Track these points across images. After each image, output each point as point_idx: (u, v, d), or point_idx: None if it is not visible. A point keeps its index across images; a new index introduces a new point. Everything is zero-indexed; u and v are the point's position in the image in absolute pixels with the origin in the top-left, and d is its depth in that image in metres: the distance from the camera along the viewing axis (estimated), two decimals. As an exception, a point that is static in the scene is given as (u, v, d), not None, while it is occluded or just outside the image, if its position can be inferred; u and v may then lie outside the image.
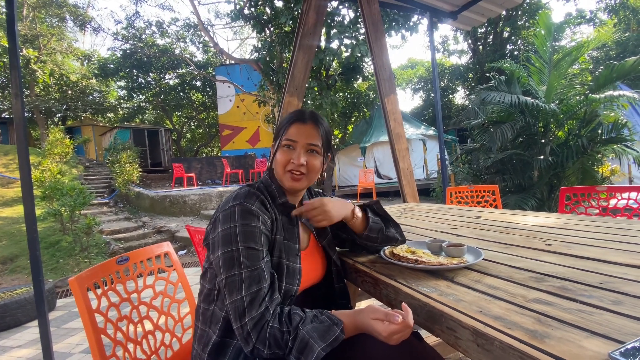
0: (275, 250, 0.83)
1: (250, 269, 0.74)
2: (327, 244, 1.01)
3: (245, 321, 0.70)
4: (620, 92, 4.39)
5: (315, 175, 0.93)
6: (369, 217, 1.01)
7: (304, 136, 0.90)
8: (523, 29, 13.58)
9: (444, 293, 0.72)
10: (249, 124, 14.42)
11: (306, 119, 0.92)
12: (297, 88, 2.36)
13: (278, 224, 0.87)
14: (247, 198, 0.82)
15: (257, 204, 0.82)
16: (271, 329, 0.69)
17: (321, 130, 0.93)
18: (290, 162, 0.89)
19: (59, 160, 9.40)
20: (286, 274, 0.83)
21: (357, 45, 7.23)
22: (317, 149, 0.91)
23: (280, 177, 0.91)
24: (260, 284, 0.73)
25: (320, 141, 0.92)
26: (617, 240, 1.06)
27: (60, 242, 5.23)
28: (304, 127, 0.91)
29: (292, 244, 0.88)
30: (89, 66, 17.14)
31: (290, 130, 0.91)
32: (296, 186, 0.90)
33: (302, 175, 0.90)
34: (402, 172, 2.74)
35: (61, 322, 2.82)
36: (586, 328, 0.53)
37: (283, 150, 0.90)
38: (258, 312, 0.71)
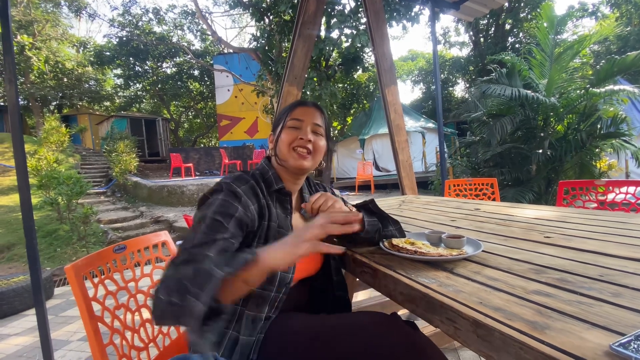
0: (270, 238, 0.83)
1: (206, 235, 0.71)
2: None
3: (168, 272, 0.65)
4: (621, 87, 4.39)
5: (320, 157, 0.94)
6: (365, 220, 0.97)
7: (310, 116, 0.92)
8: (525, 22, 13.47)
9: (443, 284, 0.72)
10: (247, 115, 14.32)
11: (308, 103, 0.95)
12: (296, 77, 2.33)
13: (272, 211, 0.86)
14: (236, 180, 0.82)
15: (245, 188, 0.81)
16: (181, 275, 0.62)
17: (324, 116, 0.96)
18: (298, 139, 0.89)
19: (55, 149, 9.32)
20: None
21: (357, 35, 7.14)
22: (321, 131, 0.93)
23: (286, 157, 0.90)
24: (207, 250, 0.68)
25: (323, 123, 0.94)
26: (616, 233, 1.06)
27: (57, 231, 5.22)
28: (308, 109, 0.93)
29: (285, 232, 0.87)
30: (85, 53, 16.89)
31: (296, 112, 0.92)
32: (302, 164, 0.89)
33: (309, 154, 0.90)
34: (401, 164, 2.73)
35: (59, 310, 2.83)
36: (586, 320, 0.52)
37: (289, 130, 0.91)
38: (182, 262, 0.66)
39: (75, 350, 2.12)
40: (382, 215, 1.02)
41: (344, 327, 0.74)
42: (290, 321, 0.80)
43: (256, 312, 0.79)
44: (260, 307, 0.79)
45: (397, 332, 0.71)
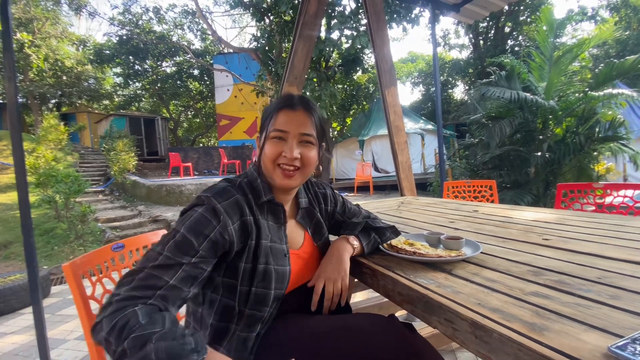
0: (260, 256, 0.75)
1: (169, 256, 0.65)
2: (323, 244, 0.95)
3: (120, 292, 0.60)
4: (619, 90, 4.40)
5: (311, 169, 0.83)
6: (363, 245, 0.97)
7: (295, 125, 0.79)
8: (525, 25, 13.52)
9: (442, 285, 0.72)
10: (246, 115, 14.32)
11: (295, 104, 0.81)
12: (296, 77, 2.33)
13: (262, 226, 0.77)
14: (219, 194, 0.74)
15: (226, 205, 0.73)
16: (133, 315, 0.57)
17: (314, 117, 0.83)
18: (282, 156, 0.78)
19: (54, 147, 9.29)
20: (275, 279, 0.77)
21: (357, 37, 7.15)
22: (311, 139, 0.81)
23: (270, 174, 0.80)
24: (165, 274, 0.63)
25: (314, 129, 0.82)
26: (613, 236, 1.06)
27: (55, 230, 5.20)
28: (294, 115, 0.80)
29: (279, 245, 0.81)
30: (84, 52, 16.85)
31: (279, 119, 0.80)
32: (289, 184, 0.80)
33: (296, 171, 0.80)
34: (400, 166, 2.73)
35: (55, 309, 2.82)
36: (584, 322, 0.53)
37: (272, 143, 0.79)
38: (136, 295, 0.60)
39: (72, 349, 2.11)
40: (378, 229, 1.02)
41: (341, 330, 0.73)
42: (287, 324, 0.79)
43: (247, 332, 0.75)
44: (252, 327, 0.76)
45: (394, 334, 0.71)
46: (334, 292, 0.85)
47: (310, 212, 0.96)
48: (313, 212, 0.96)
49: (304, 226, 0.93)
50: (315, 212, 0.96)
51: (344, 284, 0.86)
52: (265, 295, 0.75)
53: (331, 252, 0.91)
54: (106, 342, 0.56)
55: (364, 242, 0.97)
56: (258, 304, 0.75)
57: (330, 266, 0.87)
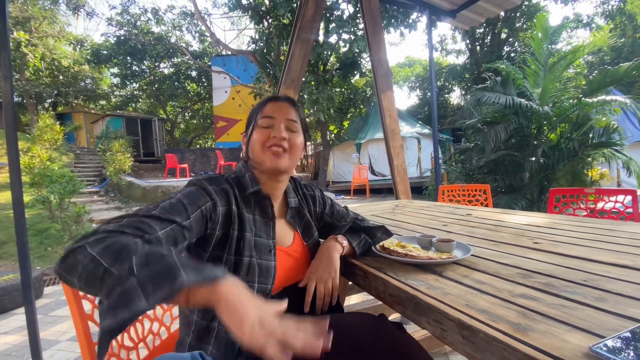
0: (245, 249, 0.76)
1: (161, 213, 0.63)
2: (313, 244, 0.96)
3: (109, 225, 0.57)
4: (613, 97, 4.46)
5: (298, 154, 0.87)
6: (353, 246, 0.97)
7: (282, 112, 0.85)
8: (521, 31, 13.68)
9: (432, 286, 0.73)
10: (244, 117, 14.27)
11: (281, 98, 0.88)
12: (293, 80, 2.35)
13: (245, 219, 0.78)
14: (209, 179, 0.78)
15: (215, 188, 0.76)
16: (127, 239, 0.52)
17: (299, 111, 0.89)
18: (271, 137, 0.82)
19: (49, 146, 9.23)
20: (259, 273, 0.77)
21: (355, 41, 7.21)
22: (296, 126, 0.86)
23: (260, 158, 0.83)
24: (157, 224, 0.61)
25: (298, 118, 0.87)
26: (602, 240, 1.08)
27: (48, 230, 5.16)
28: (280, 104, 0.86)
29: (265, 240, 0.82)
30: (82, 51, 16.80)
31: (266, 108, 0.85)
32: (279, 164, 0.81)
33: (285, 152, 0.83)
34: (395, 169, 2.75)
35: (48, 310, 2.80)
36: (569, 322, 0.54)
37: (260, 130, 0.83)
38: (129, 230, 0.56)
39: (65, 350, 2.10)
40: (367, 229, 1.03)
41: (334, 330, 0.73)
42: None
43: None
44: None
45: (383, 333, 0.72)
46: (325, 292, 0.86)
47: (300, 212, 0.97)
48: (302, 213, 0.97)
49: (294, 226, 0.94)
50: (304, 212, 0.97)
51: (334, 283, 0.87)
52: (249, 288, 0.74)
53: (321, 253, 0.92)
54: (92, 261, 0.47)
55: (353, 242, 0.98)
56: None
57: (321, 266, 0.88)
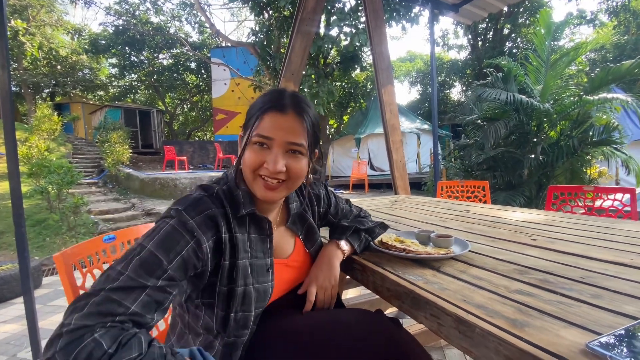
0: (239, 278, 0.68)
1: (132, 278, 0.55)
2: (315, 250, 0.92)
3: (70, 321, 0.49)
4: (614, 95, 4.45)
5: (299, 181, 0.74)
6: (354, 246, 0.95)
7: (283, 132, 0.69)
8: (523, 27, 13.58)
9: (429, 281, 0.74)
10: (243, 109, 14.23)
11: (285, 106, 0.70)
12: (293, 73, 2.33)
13: (238, 243, 0.69)
14: (192, 207, 0.65)
15: (199, 219, 0.64)
16: (94, 343, 0.47)
17: (306, 123, 0.71)
18: (264, 167, 0.69)
19: (47, 137, 9.19)
20: (256, 299, 0.71)
21: (356, 34, 7.14)
22: (300, 149, 0.71)
23: (250, 183, 0.72)
24: (125, 298, 0.54)
25: (305, 138, 0.71)
26: (599, 237, 1.08)
27: (46, 221, 5.16)
28: (283, 119, 0.69)
29: (262, 260, 0.74)
30: (80, 41, 16.65)
31: (264, 123, 0.69)
32: (272, 197, 0.71)
33: (280, 184, 0.71)
34: (395, 164, 2.75)
35: (47, 300, 2.81)
36: (565, 319, 0.54)
37: (254, 150, 0.69)
38: (91, 321, 0.50)
39: (62, 340, 2.11)
40: (368, 229, 1.02)
41: (328, 324, 0.74)
42: (275, 320, 0.78)
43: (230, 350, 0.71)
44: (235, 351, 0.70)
45: (380, 328, 0.72)
46: (324, 299, 0.85)
47: (302, 216, 0.91)
48: (305, 217, 0.91)
49: (295, 232, 0.89)
50: (307, 216, 0.92)
51: (334, 291, 0.86)
52: (246, 318, 0.70)
53: (321, 259, 0.89)
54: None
55: (355, 243, 0.96)
56: (239, 329, 0.69)
57: (322, 274, 0.85)
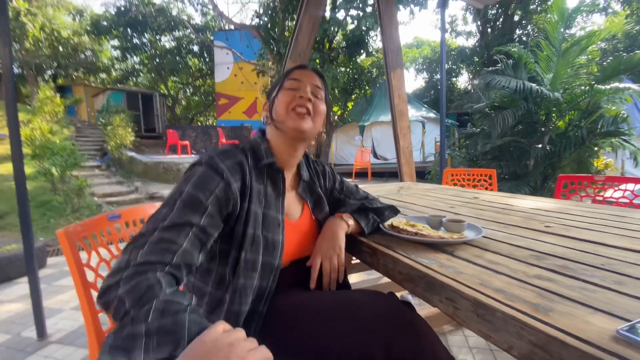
0: (250, 221, 0.74)
1: (179, 217, 0.63)
2: (323, 218, 0.96)
3: (136, 257, 0.57)
4: (627, 85, 4.34)
5: (321, 121, 0.86)
6: (362, 225, 0.96)
7: (309, 77, 0.85)
8: (535, 14, 13.21)
9: (444, 265, 0.71)
10: (246, 94, 14.10)
11: (307, 67, 0.90)
12: (300, 54, 2.27)
13: (254, 191, 0.77)
14: (221, 154, 0.74)
15: (229, 163, 0.73)
16: (155, 280, 0.53)
17: (324, 81, 0.89)
18: (297, 97, 0.81)
19: (50, 119, 9.14)
20: (264, 246, 0.76)
21: (364, 17, 6.96)
22: (321, 94, 0.86)
23: (283, 119, 0.82)
24: (177, 237, 0.61)
25: (323, 87, 0.87)
26: (615, 226, 1.05)
27: (51, 202, 5.18)
28: (307, 72, 0.86)
29: (274, 214, 0.80)
30: (81, 22, 16.37)
31: (294, 73, 0.85)
32: (302, 125, 0.80)
33: (308, 115, 0.82)
34: (401, 151, 2.71)
35: (52, 280, 2.83)
36: (590, 305, 0.52)
37: (286, 92, 0.83)
38: (153, 260, 0.57)
39: (68, 319, 2.13)
40: (377, 209, 1.02)
41: (340, 303, 0.73)
42: (290, 299, 0.79)
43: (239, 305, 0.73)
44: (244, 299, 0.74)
45: (393, 309, 0.71)
46: (331, 269, 0.85)
47: (311, 186, 0.96)
48: (314, 187, 0.97)
49: (304, 198, 0.94)
50: (315, 187, 0.97)
51: (340, 260, 0.86)
52: (254, 261, 0.75)
53: (325, 230, 0.91)
54: (118, 301, 0.51)
55: (362, 222, 0.96)
56: (247, 271, 0.74)
57: (325, 243, 0.87)
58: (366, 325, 0.67)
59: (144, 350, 0.44)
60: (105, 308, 0.53)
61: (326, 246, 0.87)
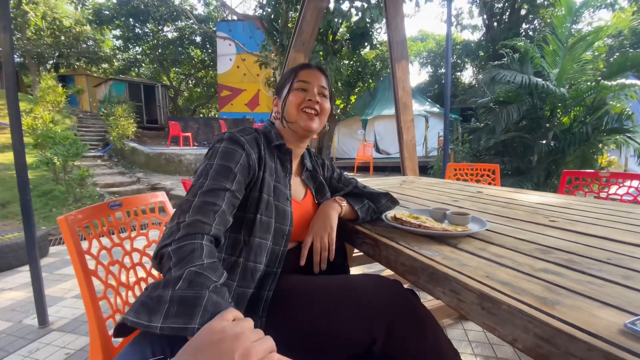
0: (264, 187, 0.82)
1: (214, 182, 0.72)
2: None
3: (184, 220, 0.65)
4: (633, 81, 4.29)
5: (325, 118, 0.95)
6: (356, 209, 0.99)
7: (315, 78, 0.93)
8: (542, 8, 13.02)
9: (447, 257, 0.70)
10: (248, 86, 14.01)
11: (312, 66, 0.97)
12: (304, 44, 2.23)
13: (267, 164, 0.85)
14: (240, 131, 0.85)
15: (248, 138, 0.83)
16: (198, 246, 0.60)
17: (328, 79, 0.97)
18: (306, 100, 0.90)
19: (52, 108, 9.12)
20: (276, 214, 0.82)
21: (368, 9, 6.86)
22: (326, 93, 0.94)
23: (295, 118, 0.91)
24: (216, 199, 0.70)
25: (328, 86, 0.95)
26: (620, 221, 1.04)
27: (53, 192, 5.19)
28: (313, 71, 0.94)
29: (283, 189, 0.88)
30: (83, 11, 16.21)
31: (302, 74, 0.93)
32: (311, 125, 0.90)
33: (316, 115, 0.91)
34: (405, 144, 2.69)
35: (54, 269, 2.85)
36: (598, 299, 0.51)
37: (296, 92, 0.91)
38: (200, 220, 0.65)
39: (70, 307, 2.15)
40: (370, 194, 1.06)
41: (344, 288, 0.75)
42: (291, 280, 0.82)
43: (255, 262, 0.77)
44: (258, 257, 0.78)
45: (399, 295, 0.72)
46: (321, 247, 0.89)
47: (314, 175, 1.05)
48: (316, 175, 1.05)
49: (307, 184, 1.02)
50: (318, 175, 1.05)
51: (330, 238, 0.90)
52: (268, 223, 0.80)
53: (318, 212, 0.96)
54: (167, 257, 0.59)
55: (355, 206, 1.00)
56: (262, 232, 0.79)
57: (317, 223, 0.92)
58: (368, 309, 0.68)
59: (164, 315, 0.50)
60: (158, 263, 0.62)
61: (317, 226, 0.91)
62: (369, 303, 0.69)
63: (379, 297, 0.70)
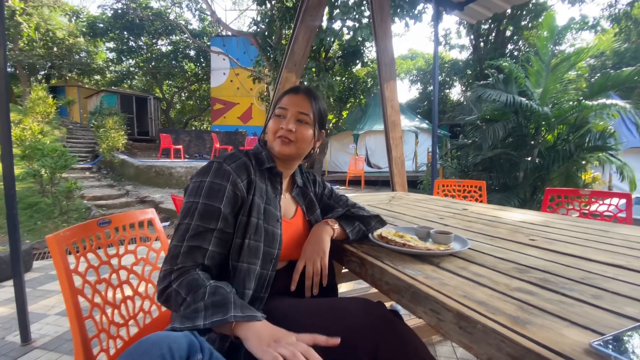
0: (253, 211, 0.83)
1: (199, 224, 0.76)
2: (315, 220, 1.02)
3: (176, 265, 0.73)
4: (613, 101, 4.47)
5: (305, 145, 0.94)
6: (347, 232, 1.01)
7: (295, 105, 0.93)
8: (526, 30, 13.57)
9: (429, 276, 0.73)
10: (242, 100, 14.11)
11: (299, 90, 0.96)
12: (295, 64, 2.30)
13: (257, 187, 0.86)
14: (228, 159, 0.85)
15: (234, 166, 0.83)
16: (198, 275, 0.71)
17: (313, 104, 0.94)
18: (280, 129, 0.92)
19: (41, 119, 9.02)
20: (265, 236, 0.83)
21: (359, 29, 7.07)
22: (307, 119, 0.93)
23: (272, 144, 0.93)
24: (202, 242, 0.75)
25: (310, 112, 0.93)
26: (597, 240, 1.09)
27: (38, 204, 5.08)
28: (296, 97, 0.94)
29: (273, 210, 0.88)
30: (77, 23, 16.26)
31: (283, 100, 0.95)
32: (284, 150, 0.91)
33: (291, 142, 0.91)
34: (393, 161, 2.74)
35: (37, 284, 2.77)
36: (567, 318, 0.54)
37: (275, 119, 0.94)
38: (188, 265, 0.73)
39: (52, 324, 2.09)
40: (362, 217, 1.07)
41: (330, 310, 0.76)
42: (279, 301, 0.83)
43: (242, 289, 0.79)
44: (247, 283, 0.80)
45: (381, 317, 0.72)
46: (313, 271, 0.89)
47: (304, 191, 1.06)
48: (307, 192, 1.06)
49: (297, 201, 1.03)
50: (308, 192, 1.07)
51: (323, 263, 0.90)
52: (257, 247, 0.82)
53: (311, 235, 0.96)
54: (176, 294, 0.69)
55: (347, 228, 1.02)
56: (250, 257, 0.81)
57: (310, 247, 0.92)
58: (354, 331, 0.69)
59: (204, 317, 0.62)
60: (166, 303, 0.72)
61: (310, 250, 0.91)
62: (354, 325, 0.70)
63: (363, 319, 0.71)
